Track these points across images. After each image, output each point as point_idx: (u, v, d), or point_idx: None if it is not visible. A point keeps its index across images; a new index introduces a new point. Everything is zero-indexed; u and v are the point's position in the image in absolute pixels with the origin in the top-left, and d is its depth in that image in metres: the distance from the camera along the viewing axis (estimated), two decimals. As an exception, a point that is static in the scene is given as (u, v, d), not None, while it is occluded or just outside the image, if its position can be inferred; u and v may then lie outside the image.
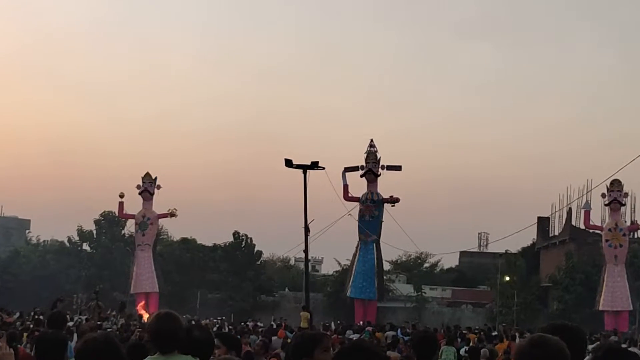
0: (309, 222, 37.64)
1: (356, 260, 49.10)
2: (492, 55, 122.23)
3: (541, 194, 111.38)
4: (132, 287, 51.04)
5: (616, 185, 44.36)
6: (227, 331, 23.66)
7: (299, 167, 36.19)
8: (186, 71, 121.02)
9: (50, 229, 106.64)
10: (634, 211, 49.80)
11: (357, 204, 48.57)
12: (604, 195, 45.28)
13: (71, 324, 22.74)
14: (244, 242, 63.29)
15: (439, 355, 17.87)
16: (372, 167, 48.04)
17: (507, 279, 58.00)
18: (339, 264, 63.99)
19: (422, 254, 69.73)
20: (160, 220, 53.28)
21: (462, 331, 31.13)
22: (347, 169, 48.72)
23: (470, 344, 23.01)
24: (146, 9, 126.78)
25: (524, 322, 49.94)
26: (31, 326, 19.83)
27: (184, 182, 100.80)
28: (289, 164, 36.17)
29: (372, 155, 48.40)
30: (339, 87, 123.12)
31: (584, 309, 49.48)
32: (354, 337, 25.79)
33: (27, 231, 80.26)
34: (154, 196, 51.28)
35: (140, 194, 51.02)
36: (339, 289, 55.24)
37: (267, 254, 71.59)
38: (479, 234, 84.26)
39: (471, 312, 62.12)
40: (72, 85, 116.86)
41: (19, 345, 13.10)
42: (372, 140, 49.00)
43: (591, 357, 4.40)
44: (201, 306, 56.86)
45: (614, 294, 44.21)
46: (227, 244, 63.50)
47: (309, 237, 38.16)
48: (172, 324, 5.06)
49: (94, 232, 64.06)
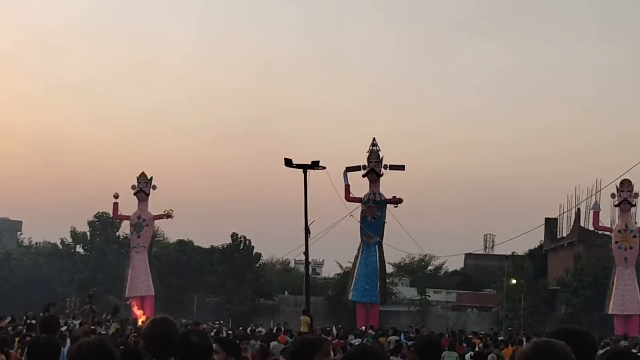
0: (309, 224, 37.63)
1: (358, 262, 49.10)
2: (496, 53, 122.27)
3: (549, 195, 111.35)
4: (127, 291, 51.02)
5: (626, 185, 44.35)
6: (225, 336, 23.67)
7: (299, 166, 36.17)
8: (182, 67, 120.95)
9: (42, 231, 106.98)
10: (645, 212, 49.84)
11: (359, 204, 48.56)
12: (613, 195, 45.29)
13: (64, 328, 22.75)
14: (242, 244, 63.29)
15: (441, 360, 17.86)
16: (374, 167, 48.05)
17: (514, 282, 58.01)
18: (341, 266, 64.12)
19: (426, 256, 69.80)
20: (156, 221, 53.29)
21: (468, 336, 31.18)
22: (348, 169, 48.72)
23: (475, 349, 23.04)
24: (139, 3, 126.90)
25: (531, 326, 49.95)
26: (24, 331, 19.84)
27: (180, 182, 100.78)
28: (288, 163, 36.15)
29: (374, 154, 48.40)
30: (339, 86, 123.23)
31: (593, 312, 49.48)
32: (356, 342, 25.81)
33: (18, 233, 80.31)
34: (150, 197, 51.29)
35: (135, 194, 51.03)
36: (341, 293, 55.26)
37: (266, 256, 71.71)
38: (484, 235, 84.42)
39: (476, 316, 62.13)
40: (63, 82, 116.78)
41: (10, 350, 13.13)
42: (374, 139, 49.04)
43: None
44: (198, 310, 56.87)
45: (624, 297, 44.21)
46: (225, 246, 63.49)
47: (309, 238, 38.16)
48: (167, 330, 5.07)
49: (88, 233, 64.04)
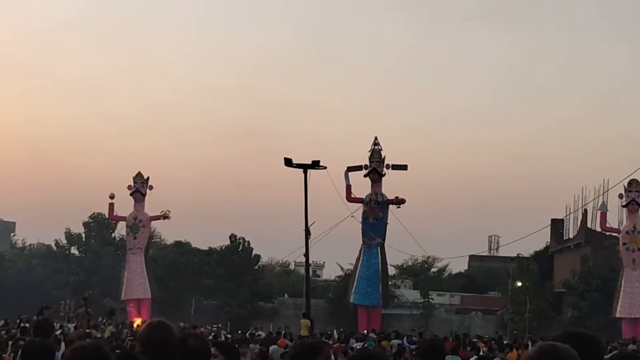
0: (309, 225, 37.65)
1: (359, 264, 49.07)
2: (500, 51, 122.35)
3: (555, 195, 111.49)
4: (123, 293, 51.02)
5: (634, 185, 44.29)
6: (224, 339, 23.67)
7: (299, 166, 36.18)
8: (178, 64, 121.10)
9: (36, 232, 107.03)
10: (653, 213, 49.78)
11: (360, 205, 48.54)
12: (621, 195, 45.22)
13: (58, 332, 22.75)
14: (241, 246, 63.32)
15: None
16: (376, 167, 48.02)
17: (519, 284, 58.03)
18: (342, 268, 64.18)
19: (429, 258, 69.78)
20: (152, 222, 53.27)
21: (472, 340, 31.16)
22: (350, 169, 48.71)
23: (480, 353, 23.03)
24: (137, 2, 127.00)
25: (537, 330, 49.97)
26: (17, 334, 19.83)
27: (177, 183, 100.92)
28: (288, 163, 36.16)
29: (376, 153, 48.38)
30: (340, 84, 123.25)
31: (600, 316, 49.50)
32: (358, 346, 25.82)
33: (12, 234, 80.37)
34: (146, 197, 51.27)
35: (131, 194, 51.01)
36: (342, 295, 55.26)
37: (265, 258, 71.77)
38: (489, 236, 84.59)
39: (481, 320, 62.17)
40: (58, 80, 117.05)
41: (3, 354, 13.12)
42: (376, 138, 49.01)
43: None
44: (196, 313, 56.88)
45: (632, 300, 44.14)
46: (224, 248, 63.53)
47: (309, 240, 38.18)
48: (164, 333, 5.07)
49: (83, 235, 64.08)
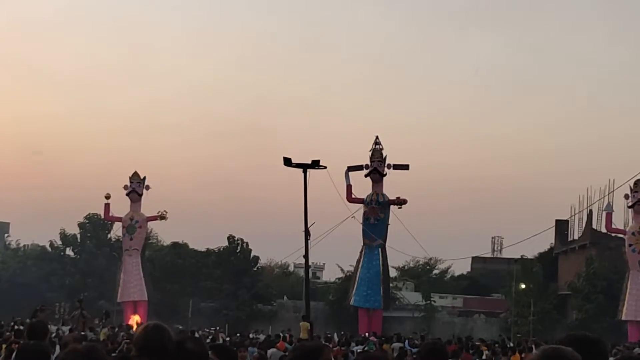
0: (309, 225, 37.67)
1: (360, 266, 49.10)
2: (502, 46, 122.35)
3: (559, 195, 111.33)
4: (119, 296, 51.05)
5: (640, 185, 44.35)
6: (221, 342, 23.68)
7: (298, 166, 36.19)
8: (174, 61, 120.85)
9: (30, 233, 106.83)
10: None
11: (361, 205, 48.58)
12: (627, 196, 45.24)
13: (53, 335, 22.76)
14: (239, 247, 63.33)
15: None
16: (377, 166, 48.05)
17: (523, 286, 58.02)
18: (342, 270, 64.15)
19: (431, 259, 69.83)
20: (149, 223, 53.29)
21: (475, 343, 31.18)
22: (350, 168, 48.73)
23: (483, 356, 23.05)
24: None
25: (541, 332, 49.97)
26: (11, 337, 19.83)
27: (174, 182, 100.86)
28: (288, 162, 36.18)
29: (377, 153, 48.41)
30: (341, 82, 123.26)
31: (605, 318, 49.52)
32: (358, 349, 25.83)
33: (5, 235, 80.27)
34: (143, 197, 51.32)
35: (127, 194, 51.04)
36: (342, 298, 55.27)
37: (264, 259, 71.75)
38: (492, 238, 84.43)
39: (484, 322, 62.16)
40: (48, 75, 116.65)
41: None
42: (377, 137, 49.06)
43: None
44: (193, 316, 56.89)
45: (638, 302, 44.15)
46: (221, 249, 63.53)
47: (309, 241, 38.20)
48: (161, 337, 5.07)
49: (78, 236, 64.04)
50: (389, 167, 48.16)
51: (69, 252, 65.11)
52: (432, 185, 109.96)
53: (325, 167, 37.59)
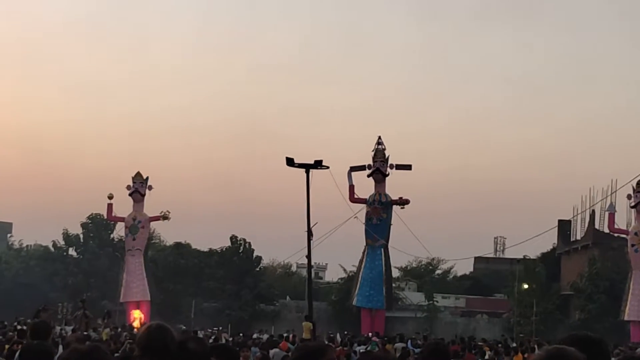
0: (312, 226, 37.61)
1: (363, 266, 49.09)
2: (508, 50, 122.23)
3: (562, 196, 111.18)
4: (121, 296, 51.06)
5: (643, 185, 44.31)
6: (224, 343, 23.67)
7: (301, 166, 36.10)
8: (178, 64, 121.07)
9: (33, 233, 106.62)
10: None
11: (363, 205, 48.56)
12: (629, 196, 45.21)
13: (56, 335, 22.78)
14: (242, 247, 63.29)
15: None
16: (380, 166, 48.04)
17: (526, 286, 57.99)
18: (345, 270, 64.05)
19: (433, 259, 69.84)
20: (152, 223, 53.32)
21: (477, 343, 31.17)
22: (353, 168, 48.71)
23: (485, 356, 23.04)
24: (135, 2, 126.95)
25: (544, 333, 49.95)
26: (14, 337, 19.86)
27: (177, 183, 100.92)
28: (290, 162, 36.09)
29: (380, 153, 48.40)
30: (342, 82, 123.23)
31: (608, 319, 49.48)
32: (361, 350, 25.82)
33: (8, 235, 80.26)
34: (145, 197, 51.31)
35: (130, 195, 51.05)
36: (345, 298, 55.23)
37: (266, 259, 71.77)
38: (495, 238, 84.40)
39: (487, 323, 62.14)
40: (54, 79, 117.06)
41: (0, 357, 13.15)
42: (379, 137, 49.06)
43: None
44: (196, 316, 56.87)
45: (641, 302, 44.16)
46: (224, 249, 63.51)
47: (312, 241, 38.14)
48: (163, 337, 5.07)
49: (81, 236, 64.02)
50: (392, 167, 48.15)
51: (72, 252, 65.08)
52: (435, 185, 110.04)
53: (327, 167, 37.47)
